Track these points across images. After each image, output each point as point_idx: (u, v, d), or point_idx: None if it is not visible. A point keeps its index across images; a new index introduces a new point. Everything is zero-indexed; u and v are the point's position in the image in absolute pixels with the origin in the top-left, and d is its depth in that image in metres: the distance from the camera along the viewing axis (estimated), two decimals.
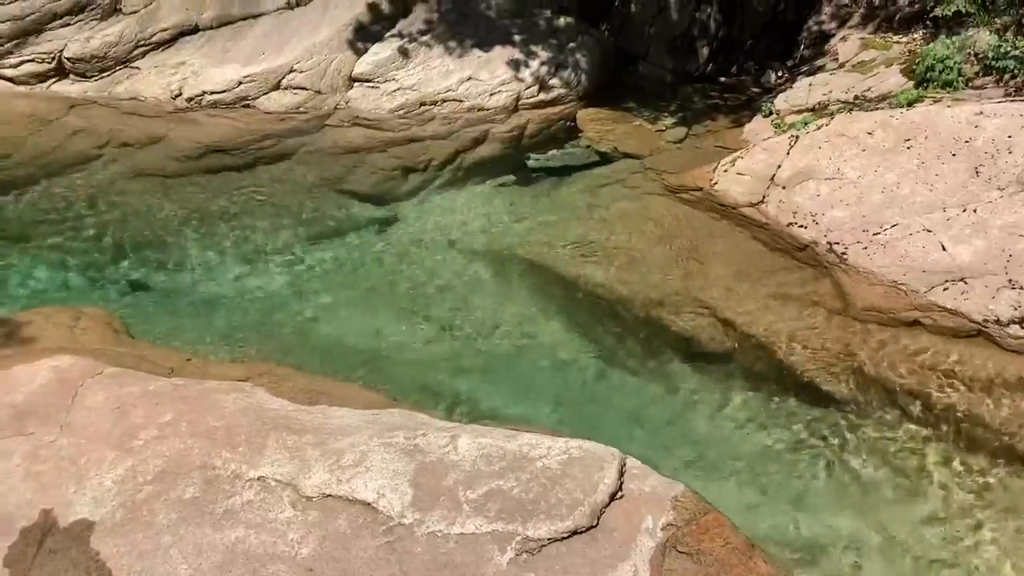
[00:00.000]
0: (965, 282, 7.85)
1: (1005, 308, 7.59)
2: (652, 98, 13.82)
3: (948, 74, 10.35)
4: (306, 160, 11.59)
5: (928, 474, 6.97)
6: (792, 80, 13.02)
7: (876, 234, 8.43)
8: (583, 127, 12.72)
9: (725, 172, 9.89)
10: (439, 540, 4.75)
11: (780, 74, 14.07)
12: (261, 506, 5.00)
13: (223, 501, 5.03)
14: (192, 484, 5.14)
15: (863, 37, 13.14)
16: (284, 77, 12.49)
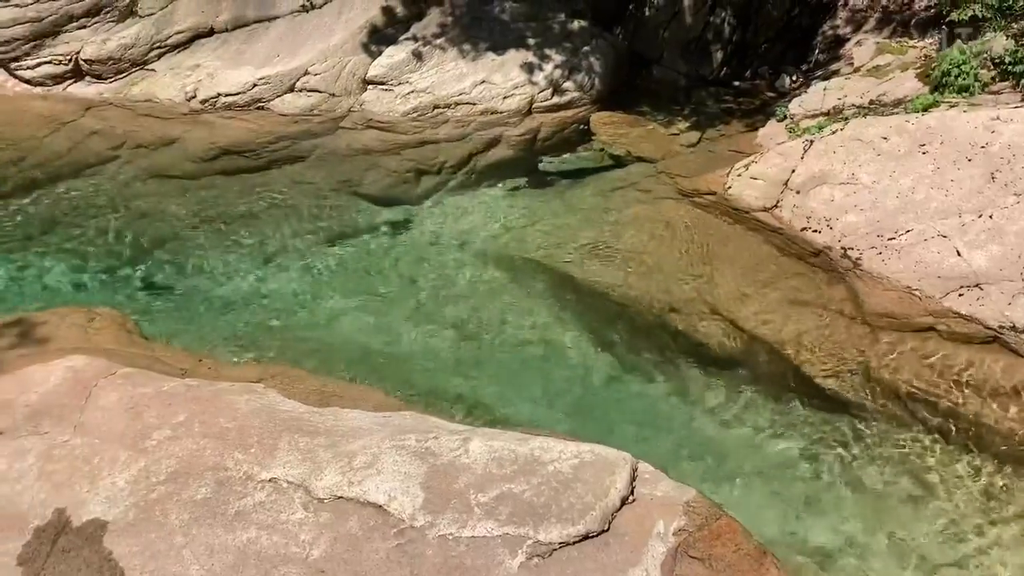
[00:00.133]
0: (980, 288, 7.79)
1: (1021, 314, 7.53)
2: (666, 102, 13.80)
3: (964, 79, 10.29)
4: (320, 162, 11.62)
5: (941, 481, 6.93)
6: (807, 84, 12.97)
7: (891, 239, 8.38)
8: (596, 131, 12.71)
9: (739, 176, 9.86)
10: (450, 543, 4.74)
11: (794, 78, 14.02)
12: (273, 507, 5.00)
13: (235, 502, 5.04)
14: (204, 485, 5.15)
15: (878, 42, 13.08)
16: (298, 79, 12.53)
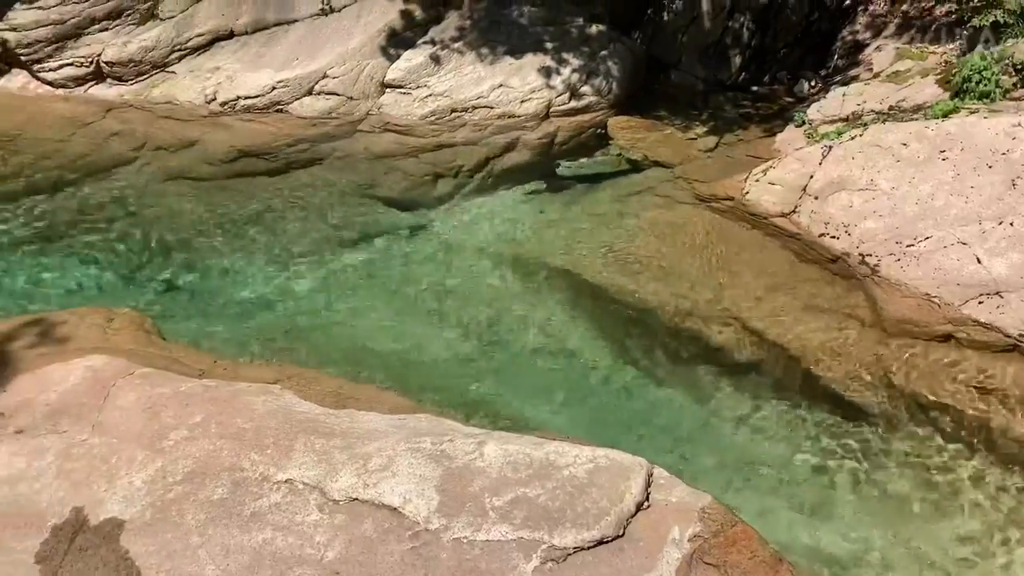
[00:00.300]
0: (1001, 296, 7.73)
1: None
2: (684, 107, 13.75)
3: (985, 85, 10.20)
4: (337, 165, 11.66)
5: (959, 490, 6.87)
6: (825, 90, 12.91)
7: (910, 246, 8.33)
8: (614, 135, 12.69)
9: (757, 182, 9.82)
10: (465, 547, 4.74)
11: (813, 84, 13.95)
12: (288, 509, 5.02)
13: (251, 503, 5.06)
14: (221, 485, 5.17)
15: (898, 47, 12.99)
16: (317, 83, 12.58)
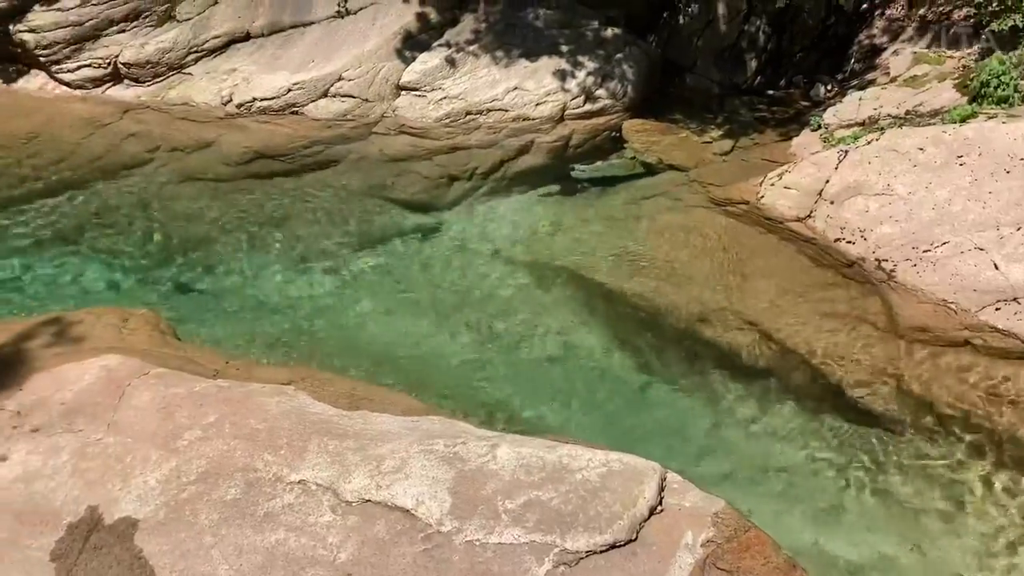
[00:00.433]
0: (1018, 302, 7.67)
1: None
2: (699, 110, 13.71)
3: (1004, 90, 10.14)
4: (352, 167, 11.69)
5: (973, 496, 6.83)
6: (842, 94, 12.85)
7: (926, 251, 8.28)
8: (628, 138, 12.66)
9: (772, 186, 9.79)
10: (477, 549, 4.74)
11: (829, 88, 13.89)
12: (301, 509, 5.03)
13: (264, 503, 5.08)
14: (234, 486, 5.19)
15: (915, 51, 12.92)
16: (332, 85, 12.62)
